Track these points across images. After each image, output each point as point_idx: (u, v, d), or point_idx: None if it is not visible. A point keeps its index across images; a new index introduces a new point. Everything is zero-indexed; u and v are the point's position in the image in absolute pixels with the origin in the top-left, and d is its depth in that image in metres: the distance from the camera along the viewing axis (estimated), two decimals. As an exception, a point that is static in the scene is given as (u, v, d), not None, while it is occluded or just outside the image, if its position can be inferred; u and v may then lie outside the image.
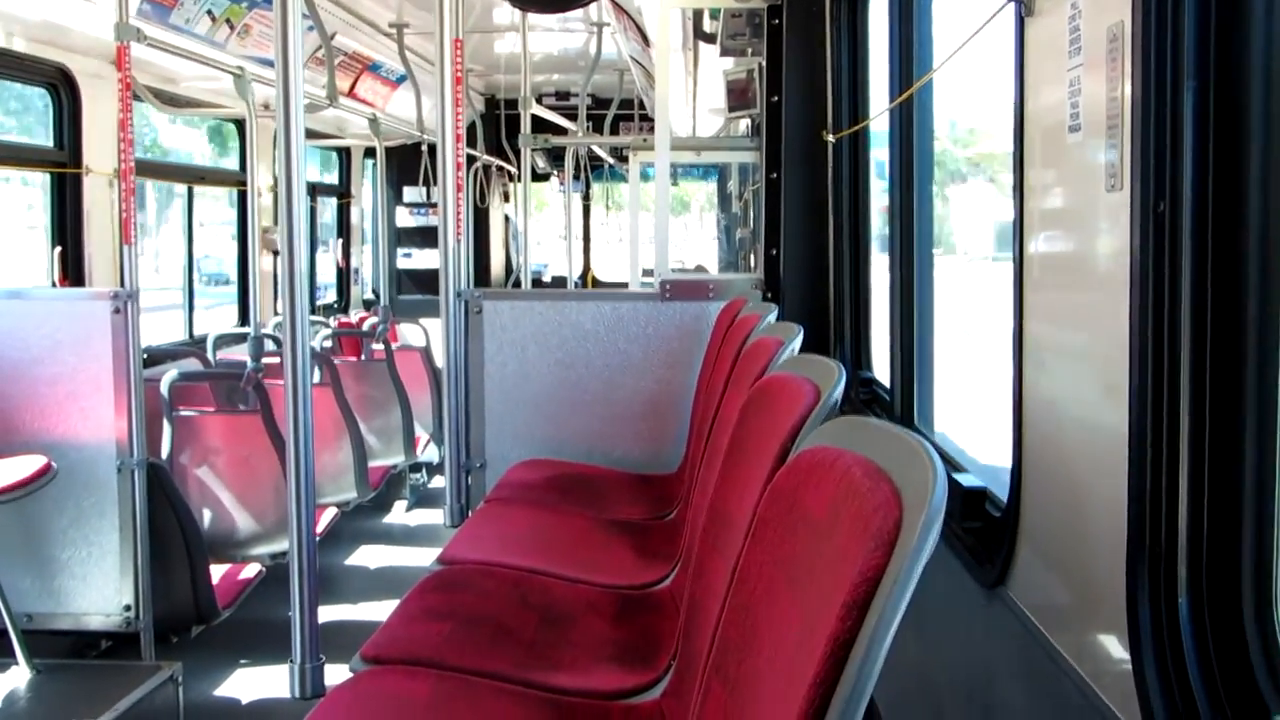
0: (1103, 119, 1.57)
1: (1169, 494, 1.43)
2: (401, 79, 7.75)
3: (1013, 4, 1.92)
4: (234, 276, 7.34)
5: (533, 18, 6.26)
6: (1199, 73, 1.37)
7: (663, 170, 4.47)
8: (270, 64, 2.76)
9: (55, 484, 3.78)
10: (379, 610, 4.32)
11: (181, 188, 6.91)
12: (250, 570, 4.75)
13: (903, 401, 3.21)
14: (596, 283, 12.08)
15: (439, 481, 7.55)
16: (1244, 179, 1.35)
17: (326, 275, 9.27)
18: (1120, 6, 1.49)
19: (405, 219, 10.46)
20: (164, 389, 4.63)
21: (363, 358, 7.28)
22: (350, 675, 2.21)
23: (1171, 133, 1.40)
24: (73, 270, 5.21)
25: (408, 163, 8.69)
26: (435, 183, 4.12)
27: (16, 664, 3.73)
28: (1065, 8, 1.71)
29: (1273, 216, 1.32)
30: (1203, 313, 1.39)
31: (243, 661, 4.52)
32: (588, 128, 7.67)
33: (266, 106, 5.60)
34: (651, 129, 4.83)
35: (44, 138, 5.22)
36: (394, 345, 7.34)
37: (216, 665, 4.46)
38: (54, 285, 5.14)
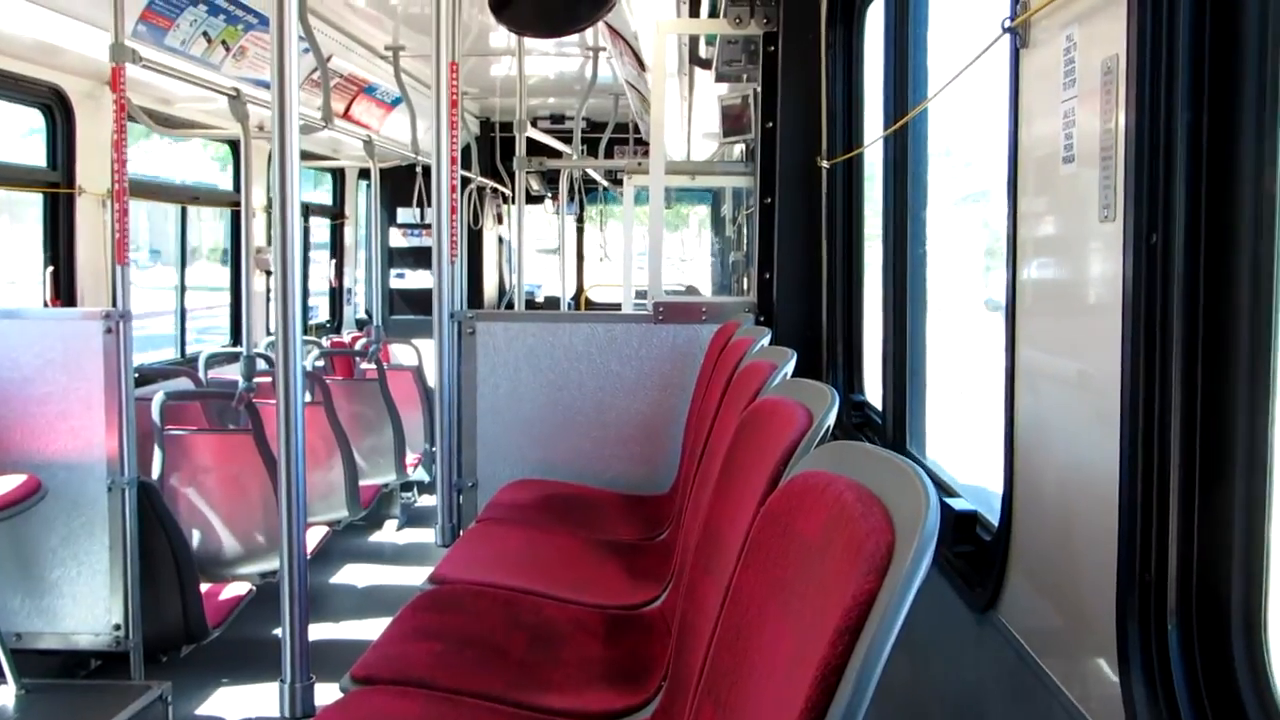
0: (1096, 150, 1.58)
1: (1159, 521, 1.44)
2: (397, 101, 7.77)
3: (1008, 35, 1.94)
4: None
5: (529, 42, 6.29)
6: (1192, 105, 1.39)
7: (657, 194, 4.48)
8: (266, 85, 2.77)
9: (45, 503, 3.76)
10: (369, 629, 4.30)
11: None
12: (240, 589, 4.73)
13: (895, 426, 3.22)
14: (590, 304, 12.11)
15: (429, 500, 7.53)
16: (1236, 211, 1.36)
17: (319, 295, 9.29)
18: (1115, 39, 1.51)
19: (398, 240, 10.50)
20: (155, 408, 4.62)
21: (355, 377, 7.28)
22: (340, 695, 2.21)
23: (1165, 165, 1.41)
24: (65, 290, 5.21)
25: (402, 184, 8.71)
26: (429, 204, 4.13)
27: (5, 683, 3.71)
28: (1061, 40, 1.72)
29: (1263, 249, 1.33)
30: (1193, 343, 1.40)
31: (232, 681, 4.50)
32: (582, 151, 7.70)
33: (261, 128, 5.61)
34: (646, 152, 4.86)
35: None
36: (386, 365, 7.34)
37: (206, 684, 4.44)
38: (45, 305, 5.13)
